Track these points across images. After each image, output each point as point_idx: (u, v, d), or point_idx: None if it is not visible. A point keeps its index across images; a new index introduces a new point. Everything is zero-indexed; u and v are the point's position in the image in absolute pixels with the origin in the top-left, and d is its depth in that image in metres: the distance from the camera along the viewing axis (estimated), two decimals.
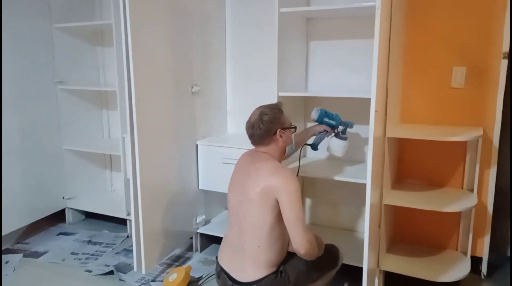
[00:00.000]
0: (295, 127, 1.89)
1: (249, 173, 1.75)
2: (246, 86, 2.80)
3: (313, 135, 2.25)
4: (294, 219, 1.63)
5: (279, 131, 1.79)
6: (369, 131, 1.71)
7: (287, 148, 1.86)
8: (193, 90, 2.48)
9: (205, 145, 2.56)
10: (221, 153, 2.48)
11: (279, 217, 1.68)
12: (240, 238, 1.76)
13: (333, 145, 2.25)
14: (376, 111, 1.70)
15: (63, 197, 3.14)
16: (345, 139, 2.24)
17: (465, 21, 2.19)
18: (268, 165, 1.73)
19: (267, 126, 1.76)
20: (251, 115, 1.82)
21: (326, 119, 2.20)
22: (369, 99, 1.74)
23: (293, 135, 1.88)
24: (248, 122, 1.81)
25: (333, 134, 2.25)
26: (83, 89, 3.11)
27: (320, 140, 2.23)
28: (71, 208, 3.21)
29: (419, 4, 2.26)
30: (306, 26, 2.54)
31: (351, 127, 2.27)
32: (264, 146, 1.81)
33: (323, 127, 2.21)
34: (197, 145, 2.57)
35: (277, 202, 1.66)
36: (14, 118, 2.75)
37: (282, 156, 1.87)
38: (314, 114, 2.20)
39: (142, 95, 2.09)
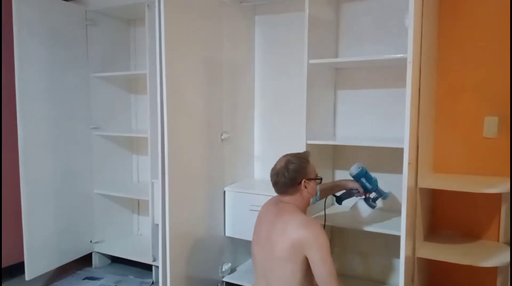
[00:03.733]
0: (321, 179, 1.85)
1: (276, 226, 1.71)
2: (274, 132, 2.83)
3: (343, 188, 2.17)
4: (327, 275, 1.59)
5: (304, 182, 1.76)
6: (403, 183, 1.69)
7: (311, 200, 1.82)
8: (222, 137, 2.52)
9: (232, 191, 2.57)
10: (248, 200, 2.47)
11: (307, 272, 1.64)
12: None
13: (359, 207, 2.14)
14: (409, 164, 1.68)
15: (91, 241, 3.16)
16: (373, 207, 2.13)
17: (496, 71, 2.19)
18: (295, 219, 1.69)
19: (292, 175, 1.74)
20: (277, 162, 1.80)
21: (363, 180, 2.10)
22: (398, 149, 1.73)
23: (318, 186, 1.84)
24: (273, 170, 1.79)
25: (364, 197, 2.15)
26: (117, 135, 3.20)
27: (349, 197, 2.15)
28: (98, 252, 3.22)
29: (449, 54, 2.28)
30: (335, 76, 2.59)
31: (385, 198, 2.16)
32: (288, 195, 1.78)
33: (356, 185, 2.12)
34: (224, 191, 2.58)
35: (306, 258, 1.63)
36: (51, 162, 2.83)
37: (306, 207, 1.83)
38: (354, 170, 2.10)
39: (174, 142, 2.14)
